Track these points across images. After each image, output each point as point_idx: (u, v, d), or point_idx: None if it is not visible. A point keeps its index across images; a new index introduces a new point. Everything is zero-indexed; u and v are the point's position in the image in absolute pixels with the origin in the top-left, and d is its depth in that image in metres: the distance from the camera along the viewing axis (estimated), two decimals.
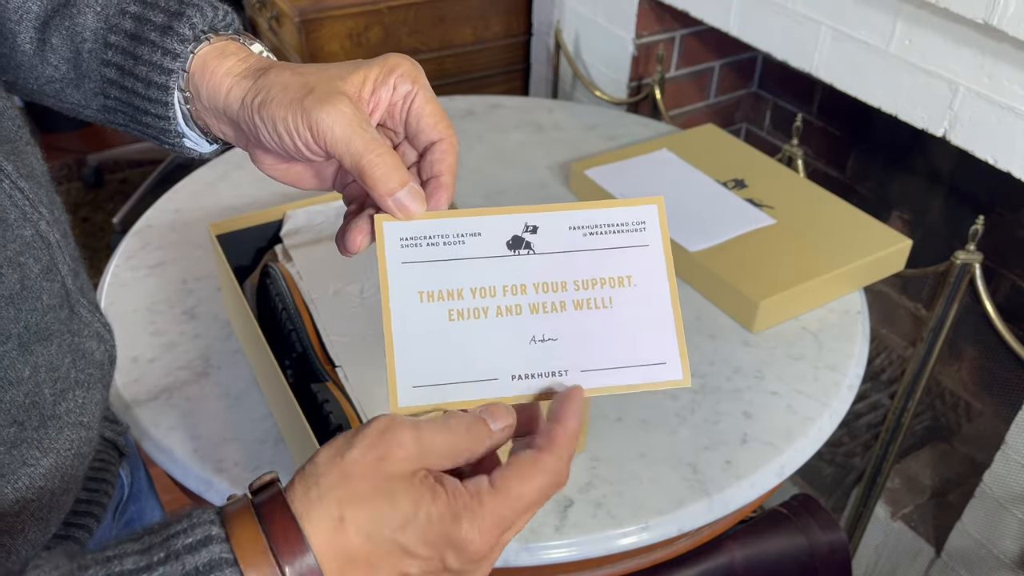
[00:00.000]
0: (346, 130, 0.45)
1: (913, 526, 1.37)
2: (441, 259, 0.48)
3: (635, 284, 0.49)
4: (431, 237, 0.48)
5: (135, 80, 0.52)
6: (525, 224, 0.49)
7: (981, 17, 0.95)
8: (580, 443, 0.79)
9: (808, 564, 0.95)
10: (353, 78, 0.48)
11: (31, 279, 0.49)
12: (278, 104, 0.46)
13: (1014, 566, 1.21)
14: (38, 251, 0.50)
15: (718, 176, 1.13)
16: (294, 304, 0.81)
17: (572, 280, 0.49)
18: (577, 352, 0.48)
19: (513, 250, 0.49)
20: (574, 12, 1.68)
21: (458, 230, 0.49)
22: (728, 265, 0.97)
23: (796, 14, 1.22)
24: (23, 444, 0.51)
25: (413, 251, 0.48)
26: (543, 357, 0.47)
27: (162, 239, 1.04)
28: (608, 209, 0.50)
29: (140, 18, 0.52)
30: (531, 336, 0.47)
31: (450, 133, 0.51)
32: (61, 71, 0.55)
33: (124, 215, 2.34)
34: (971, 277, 1.09)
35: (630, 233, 0.51)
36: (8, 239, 0.47)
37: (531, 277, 0.48)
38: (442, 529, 0.39)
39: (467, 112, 1.33)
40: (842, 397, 0.87)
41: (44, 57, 0.55)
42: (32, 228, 0.50)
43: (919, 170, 1.49)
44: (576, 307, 0.49)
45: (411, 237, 0.48)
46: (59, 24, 0.54)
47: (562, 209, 0.50)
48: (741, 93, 1.76)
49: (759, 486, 0.78)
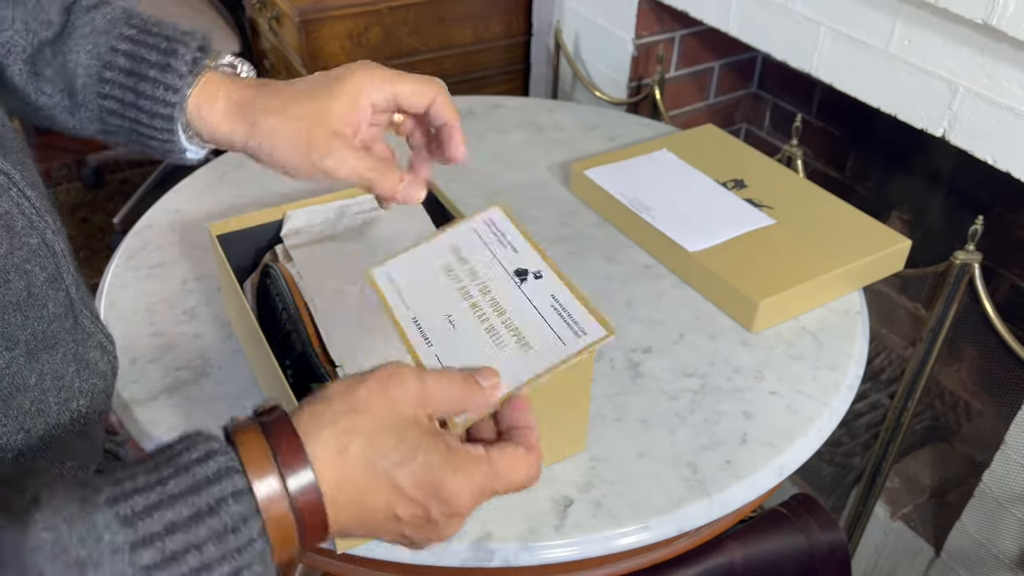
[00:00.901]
0: (349, 169, 0.58)
1: (913, 526, 1.37)
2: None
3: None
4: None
5: (138, 112, 0.57)
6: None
7: (980, 17, 0.95)
8: (580, 443, 0.79)
9: (808, 564, 0.95)
10: (336, 109, 0.58)
11: (37, 287, 0.50)
12: (286, 156, 0.57)
13: (1013, 566, 1.21)
14: (44, 259, 0.51)
15: (718, 176, 1.14)
16: (294, 304, 0.81)
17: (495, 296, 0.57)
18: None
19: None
20: (574, 12, 1.68)
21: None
22: (728, 265, 0.97)
23: (796, 14, 1.22)
24: (29, 452, 0.51)
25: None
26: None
27: (162, 239, 1.05)
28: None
29: (135, 56, 0.57)
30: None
31: (434, 91, 0.63)
32: (55, 100, 0.59)
33: (124, 215, 2.34)
34: (970, 277, 1.09)
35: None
36: (15, 246, 0.48)
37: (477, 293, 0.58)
38: (436, 477, 0.41)
39: (467, 112, 1.33)
40: (842, 397, 0.87)
41: (38, 87, 0.58)
42: (38, 236, 0.51)
43: (918, 170, 1.49)
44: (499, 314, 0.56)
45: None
46: (50, 59, 0.57)
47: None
48: (741, 93, 1.76)
49: (759, 486, 0.78)
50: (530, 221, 1.10)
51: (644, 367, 0.89)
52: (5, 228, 0.48)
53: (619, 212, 1.08)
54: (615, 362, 0.89)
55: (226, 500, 0.37)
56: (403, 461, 0.41)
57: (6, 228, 0.48)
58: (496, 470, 0.44)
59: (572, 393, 0.73)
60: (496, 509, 0.73)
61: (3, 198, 0.48)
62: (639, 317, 0.95)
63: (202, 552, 0.35)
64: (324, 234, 0.91)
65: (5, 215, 0.48)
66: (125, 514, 0.35)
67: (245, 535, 0.37)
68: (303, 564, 1.35)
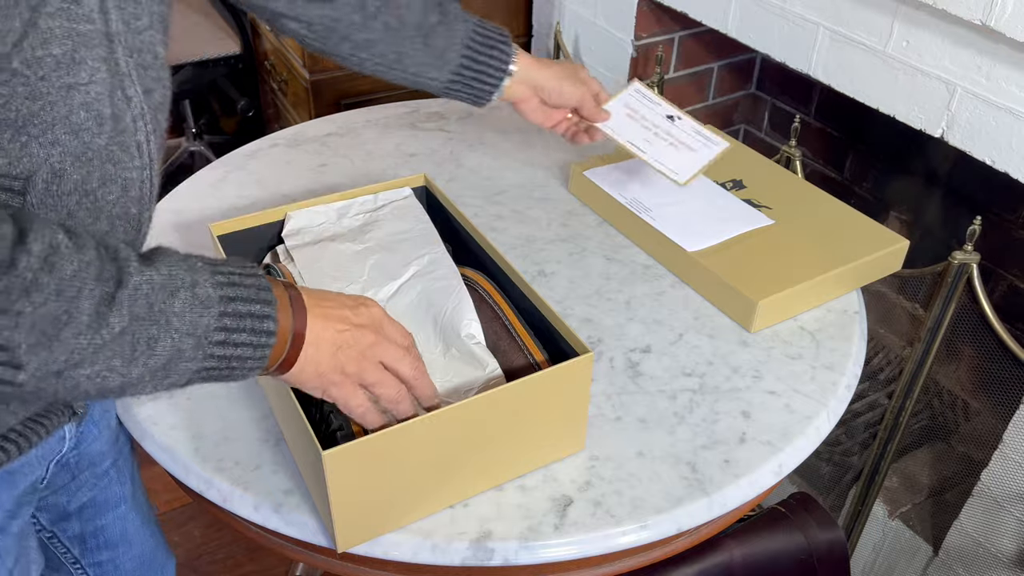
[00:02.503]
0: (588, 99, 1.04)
1: (911, 525, 1.38)
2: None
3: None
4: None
5: (486, 67, 0.96)
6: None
7: (979, 18, 0.96)
8: (579, 443, 0.79)
9: (806, 562, 0.96)
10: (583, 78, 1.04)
11: (130, 196, 0.64)
12: (566, 98, 1.02)
13: (1012, 565, 1.21)
14: (129, 228, 0.65)
15: (717, 177, 1.14)
16: None
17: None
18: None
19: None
20: (574, 14, 1.68)
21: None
22: (726, 265, 0.97)
23: (794, 15, 1.23)
24: None
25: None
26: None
27: (163, 240, 1.05)
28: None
29: (486, 37, 0.96)
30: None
31: (584, 90, 1.04)
32: (429, 58, 0.94)
33: None
34: (968, 277, 1.09)
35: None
36: (122, 204, 0.62)
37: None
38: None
39: (467, 113, 1.34)
40: (840, 396, 0.87)
41: (428, 48, 0.94)
42: (139, 211, 0.65)
43: (917, 171, 1.49)
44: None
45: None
46: (441, 32, 0.93)
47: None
48: (739, 94, 1.76)
49: (757, 485, 0.78)
50: (530, 221, 1.11)
51: (643, 367, 0.89)
52: (122, 187, 0.62)
53: (618, 212, 1.09)
54: (614, 362, 0.90)
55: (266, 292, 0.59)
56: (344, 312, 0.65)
57: (123, 188, 0.62)
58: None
59: (571, 393, 0.74)
60: (496, 508, 0.74)
61: (136, 172, 0.62)
62: (638, 317, 0.96)
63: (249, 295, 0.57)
64: (325, 234, 0.91)
65: (127, 181, 0.62)
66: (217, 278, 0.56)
67: (269, 307, 0.58)
68: (304, 564, 1.35)
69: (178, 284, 0.54)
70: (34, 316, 0.48)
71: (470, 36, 0.94)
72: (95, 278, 0.50)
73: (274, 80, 2.01)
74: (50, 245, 0.49)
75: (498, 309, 0.82)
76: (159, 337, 0.53)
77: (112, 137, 0.60)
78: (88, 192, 0.60)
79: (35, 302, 0.48)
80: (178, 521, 1.66)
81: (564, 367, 0.71)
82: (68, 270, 0.49)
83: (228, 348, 0.56)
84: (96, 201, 0.60)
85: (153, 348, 0.53)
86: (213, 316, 0.55)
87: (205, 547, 1.61)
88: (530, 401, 0.71)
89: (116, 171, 0.61)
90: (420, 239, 0.90)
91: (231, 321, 0.56)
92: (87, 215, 0.60)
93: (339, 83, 1.78)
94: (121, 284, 0.51)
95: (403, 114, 1.34)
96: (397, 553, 0.71)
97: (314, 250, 0.89)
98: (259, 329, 0.57)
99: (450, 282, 0.84)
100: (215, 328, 0.55)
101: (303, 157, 1.23)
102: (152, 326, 0.52)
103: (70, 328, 0.49)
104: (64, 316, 0.49)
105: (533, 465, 0.77)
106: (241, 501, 0.74)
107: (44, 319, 0.48)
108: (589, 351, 0.72)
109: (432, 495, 0.71)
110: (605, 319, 0.95)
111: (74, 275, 0.49)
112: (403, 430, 0.65)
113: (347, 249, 0.90)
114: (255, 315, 0.57)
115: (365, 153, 1.24)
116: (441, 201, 0.93)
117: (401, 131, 1.30)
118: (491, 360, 0.79)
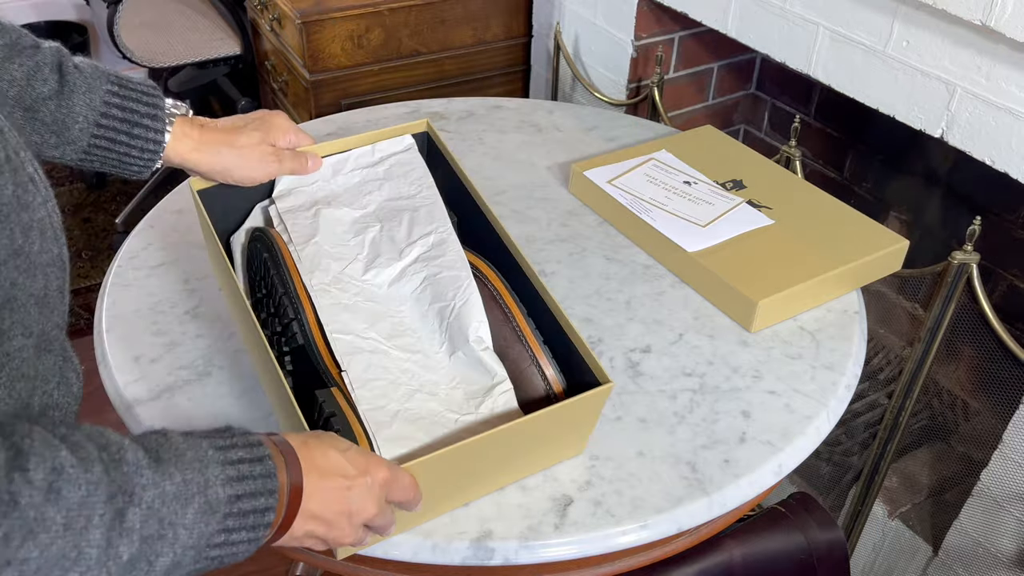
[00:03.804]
0: (275, 171, 0.86)
1: (911, 525, 1.38)
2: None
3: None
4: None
5: (129, 148, 0.78)
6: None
7: (978, 18, 0.96)
8: (579, 446, 0.79)
9: (806, 562, 0.96)
10: (263, 139, 0.86)
11: (51, 291, 0.57)
12: (240, 174, 0.84)
13: (1011, 565, 1.21)
14: (58, 270, 0.57)
15: (716, 177, 1.14)
16: (295, 292, 0.78)
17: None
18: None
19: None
20: (574, 14, 1.68)
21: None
22: (726, 265, 0.97)
23: (794, 15, 1.23)
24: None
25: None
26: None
27: (164, 239, 1.05)
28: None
29: (126, 108, 0.77)
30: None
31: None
32: (43, 138, 0.74)
33: (126, 215, 2.34)
34: (968, 277, 1.10)
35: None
36: (44, 249, 0.55)
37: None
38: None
39: (467, 113, 1.34)
40: (840, 396, 0.87)
41: (33, 128, 0.73)
42: (59, 248, 0.58)
43: (916, 171, 1.49)
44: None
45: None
46: (53, 110, 0.73)
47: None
48: (739, 94, 1.76)
49: (757, 485, 0.78)
50: (530, 221, 1.11)
51: (643, 366, 0.89)
52: (39, 232, 0.55)
53: (618, 212, 1.09)
54: (614, 361, 0.90)
55: (265, 459, 0.54)
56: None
57: (40, 232, 0.55)
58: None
59: (584, 417, 0.73)
60: (496, 508, 0.74)
61: (42, 208, 0.55)
62: (638, 317, 0.96)
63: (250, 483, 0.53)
64: (319, 194, 0.86)
65: (41, 221, 0.55)
66: (223, 457, 0.52)
67: (270, 483, 0.54)
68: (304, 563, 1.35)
69: (192, 491, 0.49)
70: (40, 561, 0.42)
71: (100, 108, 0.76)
72: (105, 500, 0.44)
73: (275, 80, 2.02)
74: (53, 469, 0.43)
75: (508, 312, 0.79)
76: (162, 552, 0.48)
77: (14, 182, 0.52)
78: (17, 251, 0.52)
79: (41, 544, 0.42)
80: None
81: (583, 399, 0.69)
82: (75, 497, 0.43)
83: (224, 548, 0.52)
84: (28, 257, 0.54)
85: (153, 564, 0.48)
86: (217, 520, 0.51)
87: None
88: (545, 428, 0.70)
89: (30, 217, 0.54)
90: (425, 210, 0.85)
91: (233, 522, 0.52)
92: (25, 278, 0.53)
93: (340, 83, 1.79)
94: (132, 500, 0.46)
95: (403, 114, 1.34)
96: (397, 553, 0.71)
97: (308, 218, 0.84)
98: (258, 524, 0.53)
99: (458, 273, 0.80)
100: (217, 530, 0.51)
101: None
102: (158, 542, 0.47)
103: (78, 567, 0.43)
104: (73, 554, 0.43)
105: (533, 469, 0.77)
106: None
107: (49, 562, 0.42)
108: (611, 382, 0.70)
109: (433, 506, 0.71)
110: (605, 319, 0.95)
111: (82, 502, 0.43)
112: (412, 468, 0.63)
113: (344, 216, 0.85)
114: (258, 510, 0.53)
115: None
116: (446, 158, 0.88)
117: None
118: (500, 369, 0.77)
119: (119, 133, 0.76)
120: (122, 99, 0.77)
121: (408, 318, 0.80)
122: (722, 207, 1.07)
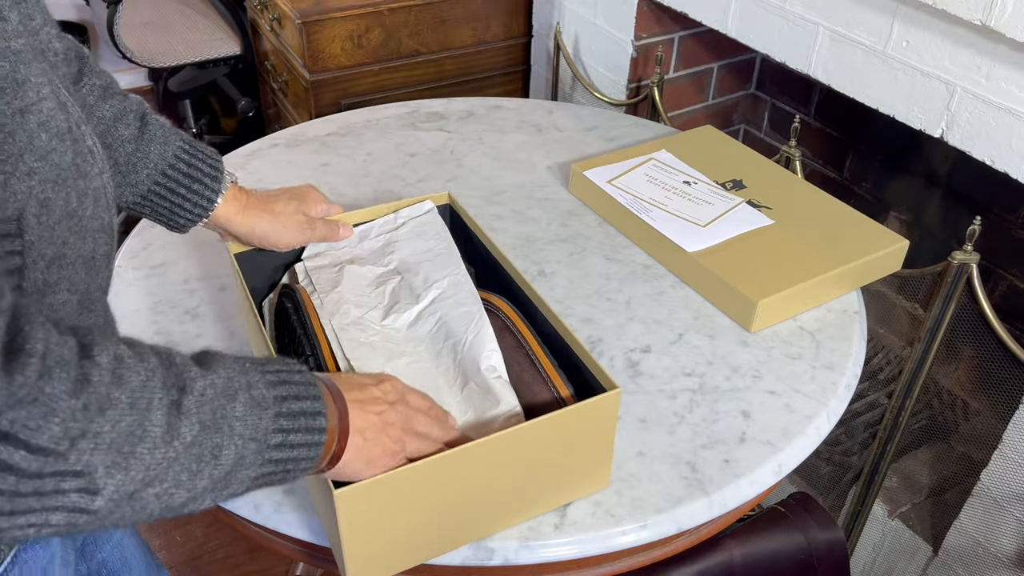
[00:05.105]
0: (309, 238, 0.90)
1: (911, 525, 1.38)
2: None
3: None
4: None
5: (184, 201, 0.84)
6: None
7: (978, 18, 0.96)
8: (604, 479, 0.77)
9: (806, 562, 0.96)
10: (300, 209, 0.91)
11: (99, 256, 0.61)
12: (277, 239, 0.88)
13: (1011, 564, 1.21)
14: (107, 237, 0.62)
15: (716, 177, 1.14)
16: (314, 332, 0.80)
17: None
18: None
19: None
20: (574, 14, 1.68)
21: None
22: (726, 265, 0.97)
23: (794, 15, 1.23)
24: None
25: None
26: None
27: (164, 240, 1.05)
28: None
29: (192, 164, 0.83)
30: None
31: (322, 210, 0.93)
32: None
33: (127, 215, 2.35)
34: (968, 277, 1.10)
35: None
36: (96, 215, 0.59)
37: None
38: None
39: (467, 113, 1.34)
40: (840, 396, 0.87)
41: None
42: (109, 217, 0.62)
43: (916, 171, 1.49)
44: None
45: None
46: (131, 150, 0.80)
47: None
48: (739, 94, 1.76)
49: (757, 485, 0.78)
50: (530, 221, 1.11)
51: (643, 366, 0.89)
52: (93, 199, 0.59)
53: (618, 212, 1.09)
54: (614, 361, 0.90)
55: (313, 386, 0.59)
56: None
57: (94, 199, 0.59)
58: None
59: (597, 430, 0.71)
60: None
61: (98, 178, 0.59)
62: (638, 317, 0.96)
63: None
64: (345, 257, 0.90)
65: (96, 190, 0.59)
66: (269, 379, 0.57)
67: (318, 401, 0.59)
68: (304, 563, 1.35)
69: (236, 387, 0.54)
70: (112, 435, 0.46)
71: (168, 162, 0.83)
72: (162, 387, 0.49)
73: (275, 80, 2.02)
74: (115, 357, 0.48)
75: (521, 338, 0.78)
76: (223, 445, 0.52)
77: (74, 151, 0.57)
78: (71, 213, 0.57)
79: (111, 419, 0.46)
80: (179, 521, 1.66)
81: (589, 404, 0.68)
82: (136, 381, 0.48)
83: (285, 451, 0.56)
84: (80, 220, 0.58)
85: (218, 457, 0.52)
86: (270, 417, 0.55)
87: (205, 547, 1.62)
88: (553, 438, 0.68)
89: (86, 184, 0.58)
90: (441, 259, 0.88)
91: (287, 421, 0.56)
92: (77, 238, 0.58)
93: (339, 83, 1.79)
94: (185, 391, 0.50)
95: (403, 114, 1.34)
96: None
97: (333, 273, 0.88)
98: (312, 427, 0.57)
99: (470, 308, 0.81)
100: (273, 430, 0.55)
101: (303, 157, 1.23)
102: (216, 434, 0.51)
103: (145, 443, 0.48)
104: (139, 431, 0.47)
105: (556, 503, 0.74)
106: (242, 501, 0.74)
107: (120, 436, 0.47)
108: (617, 387, 0.69)
109: (449, 534, 0.69)
110: (605, 319, 0.95)
111: (143, 385, 0.48)
112: (417, 469, 0.62)
113: (368, 272, 0.88)
114: (307, 412, 0.57)
115: (365, 153, 1.24)
116: (464, 220, 0.91)
117: (401, 131, 1.30)
118: (511, 396, 0.75)
119: (179, 185, 0.83)
120: (190, 156, 0.83)
121: (424, 356, 0.81)
122: (722, 207, 1.07)
